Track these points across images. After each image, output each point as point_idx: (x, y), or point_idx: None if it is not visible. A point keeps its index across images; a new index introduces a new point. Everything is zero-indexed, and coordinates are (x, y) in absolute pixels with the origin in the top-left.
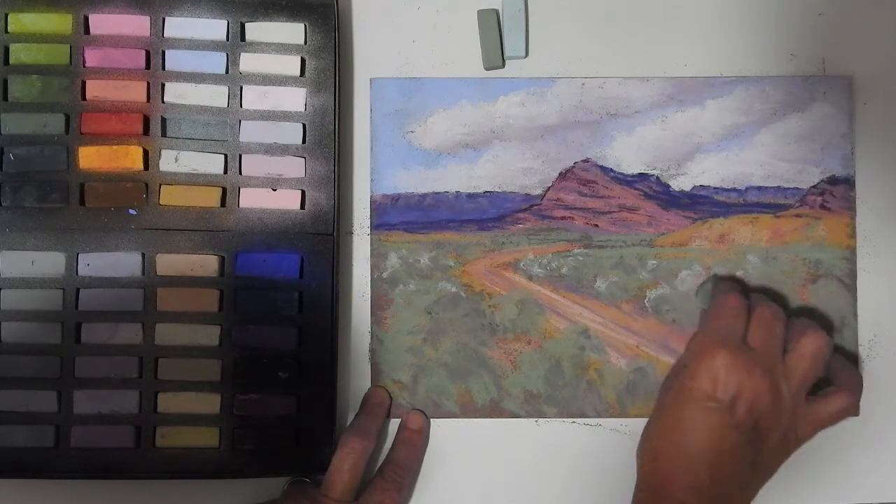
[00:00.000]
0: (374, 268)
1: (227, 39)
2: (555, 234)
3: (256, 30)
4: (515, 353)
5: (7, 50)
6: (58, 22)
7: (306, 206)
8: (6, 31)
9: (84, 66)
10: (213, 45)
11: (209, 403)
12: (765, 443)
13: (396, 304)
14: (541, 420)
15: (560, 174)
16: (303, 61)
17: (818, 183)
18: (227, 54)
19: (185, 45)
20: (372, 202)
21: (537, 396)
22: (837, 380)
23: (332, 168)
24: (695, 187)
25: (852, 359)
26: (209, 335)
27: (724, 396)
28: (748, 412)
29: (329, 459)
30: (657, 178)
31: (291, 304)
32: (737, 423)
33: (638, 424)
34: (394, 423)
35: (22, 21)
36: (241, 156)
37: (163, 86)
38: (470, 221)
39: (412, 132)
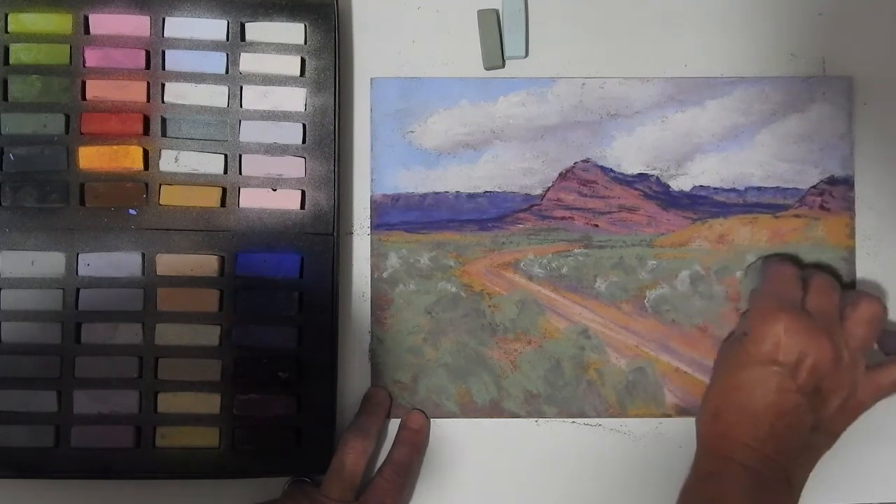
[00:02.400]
0: (374, 268)
1: (227, 39)
2: (555, 234)
3: (256, 30)
4: (515, 353)
5: (7, 50)
6: (58, 22)
7: (306, 206)
8: (6, 31)
9: (84, 66)
10: (213, 45)
11: (209, 403)
12: (825, 407)
13: (396, 304)
14: (541, 420)
15: (560, 174)
16: (303, 61)
17: (817, 183)
18: (227, 54)
19: (185, 45)
20: (372, 202)
21: (537, 396)
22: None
23: (332, 168)
24: (694, 187)
25: None
26: (209, 335)
27: (786, 359)
28: (810, 375)
29: (329, 459)
30: (657, 178)
31: (291, 304)
32: (798, 385)
33: (638, 424)
34: (394, 423)
35: (22, 21)
36: (241, 156)
37: (163, 86)
38: (470, 221)
39: (412, 132)
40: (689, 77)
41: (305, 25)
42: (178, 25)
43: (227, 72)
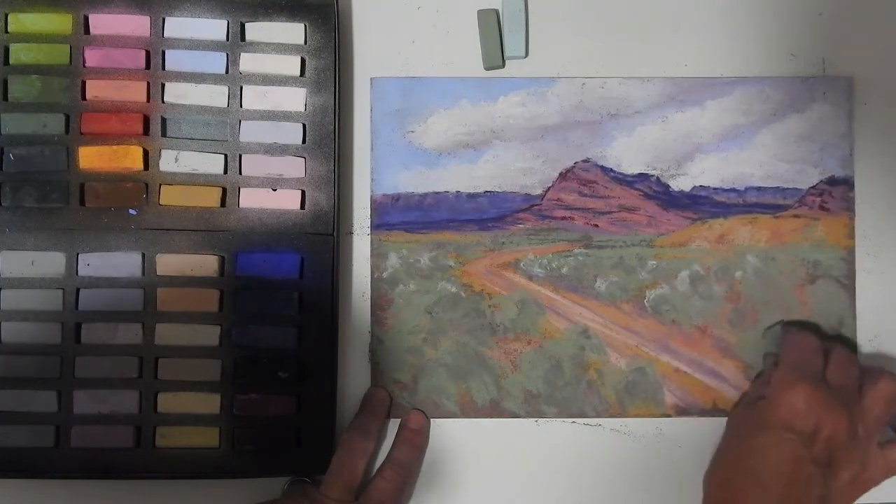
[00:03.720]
0: (374, 268)
1: (227, 39)
2: (555, 234)
3: (256, 30)
4: (515, 353)
5: (7, 50)
6: (58, 22)
7: (306, 206)
8: (6, 31)
9: (84, 66)
10: (213, 45)
11: (209, 403)
12: (836, 479)
13: (396, 304)
14: (541, 420)
15: (560, 174)
16: (303, 61)
17: (817, 183)
18: (227, 54)
19: (185, 45)
20: (372, 202)
21: (537, 396)
22: None
23: (332, 168)
24: (694, 187)
25: None
26: (209, 335)
27: (803, 428)
28: (825, 447)
29: (329, 459)
30: (657, 178)
31: (291, 304)
32: (813, 456)
33: (638, 424)
34: (394, 423)
35: (22, 21)
36: (241, 156)
37: (163, 86)
38: (470, 221)
39: (412, 132)
40: (689, 77)
41: (305, 25)
42: (178, 25)
43: (227, 72)
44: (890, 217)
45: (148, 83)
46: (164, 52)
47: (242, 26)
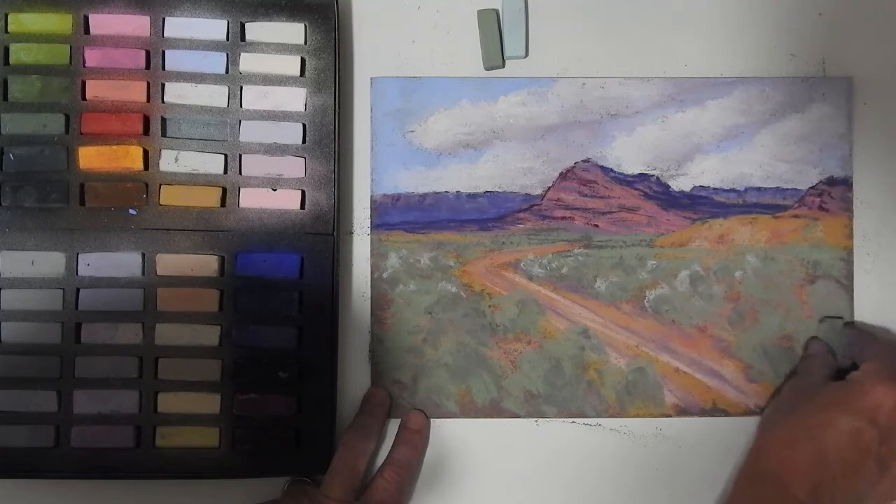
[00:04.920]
0: (374, 268)
1: (227, 39)
2: (555, 234)
3: (256, 30)
4: (515, 353)
5: (7, 50)
6: (58, 22)
7: (306, 206)
8: (6, 31)
9: (84, 66)
10: (213, 45)
11: (209, 403)
12: (882, 481)
13: (396, 304)
14: (541, 420)
15: (560, 174)
16: (303, 61)
17: (817, 184)
18: (227, 54)
19: (185, 45)
20: (372, 202)
21: (537, 396)
22: None
23: (332, 168)
24: (694, 188)
25: None
26: (209, 335)
27: (884, 423)
28: (892, 449)
29: (329, 459)
30: (657, 178)
31: (291, 304)
32: (879, 453)
33: (638, 424)
34: (394, 423)
35: (22, 21)
36: (241, 156)
37: (163, 86)
38: (470, 221)
39: (412, 132)
40: (689, 77)
41: (305, 25)
42: (178, 25)
43: (227, 72)
44: (889, 217)
45: (148, 83)
46: (164, 52)
47: (242, 26)
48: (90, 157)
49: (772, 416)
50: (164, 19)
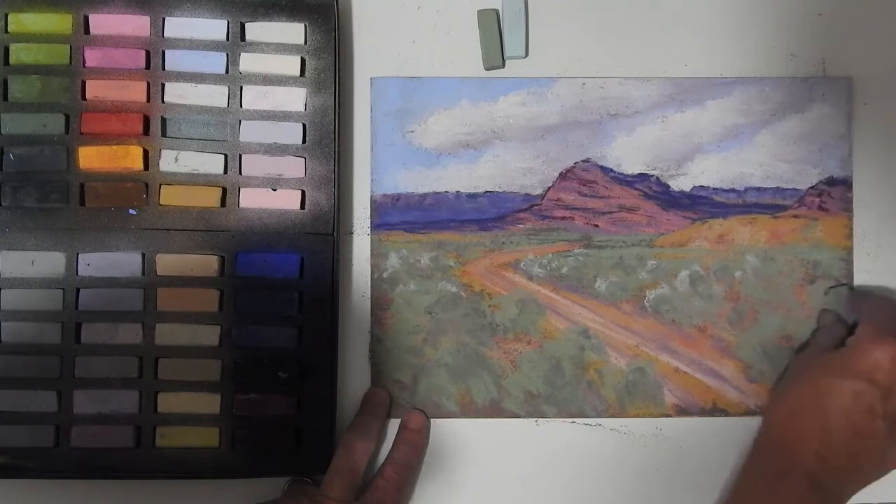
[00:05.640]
0: (374, 268)
1: (227, 39)
2: (555, 234)
3: (256, 30)
4: (515, 353)
5: (7, 50)
6: (58, 22)
7: (306, 206)
8: (6, 31)
9: (84, 66)
10: (213, 45)
11: (209, 403)
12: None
13: (396, 304)
14: (541, 420)
15: (560, 174)
16: (303, 61)
17: (816, 184)
18: (227, 54)
19: (185, 45)
20: (372, 202)
21: (537, 396)
22: None
23: (332, 168)
24: (694, 188)
25: None
26: (209, 335)
27: (883, 383)
28: None
29: (329, 459)
30: (657, 178)
31: (291, 304)
32: (885, 412)
33: (638, 424)
34: (394, 423)
35: (22, 21)
36: (241, 156)
37: (163, 86)
38: (470, 221)
39: (412, 132)
40: (689, 77)
41: (305, 25)
42: (178, 25)
43: (227, 72)
44: (889, 217)
45: (148, 83)
46: (164, 52)
47: (242, 26)
48: (90, 157)
49: (778, 388)
50: (164, 19)
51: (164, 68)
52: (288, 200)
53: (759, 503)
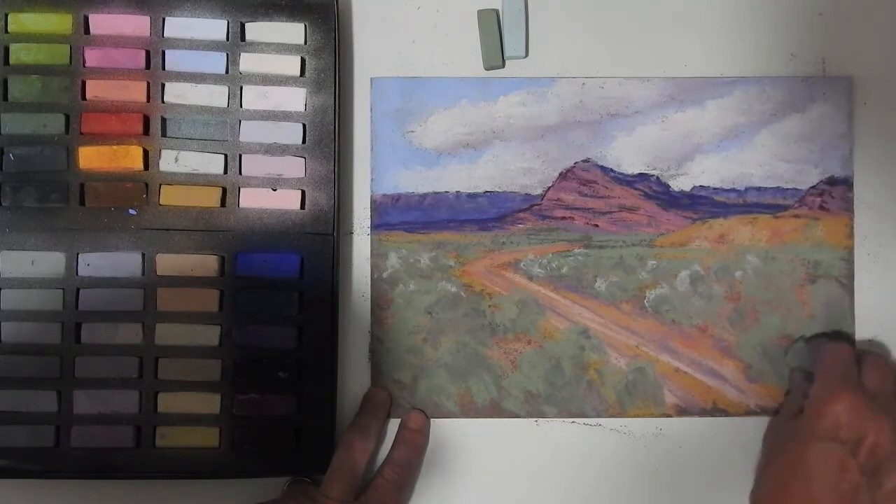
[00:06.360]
0: (374, 268)
1: (227, 39)
2: (555, 234)
3: (256, 30)
4: (515, 353)
5: (7, 50)
6: (58, 22)
7: (306, 206)
8: (6, 31)
9: (84, 66)
10: (213, 45)
11: (209, 403)
12: (881, 488)
13: (396, 304)
14: (541, 420)
15: (560, 174)
16: (303, 61)
17: (817, 183)
18: (227, 54)
19: (185, 45)
20: (372, 202)
21: (537, 396)
22: None
23: (332, 168)
24: (694, 187)
25: None
26: (209, 335)
27: (848, 437)
28: (870, 455)
29: (329, 459)
30: (657, 178)
31: (291, 304)
32: (859, 464)
33: (638, 424)
34: (394, 423)
35: (22, 21)
36: (241, 156)
37: (163, 86)
38: (470, 221)
39: (412, 132)
40: (689, 77)
41: (305, 25)
42: (178, 25)
43: (227, 72)
44: (890, 217)
45: (148, 83)
46: (164, 52)
47: (242, 26)
48: (90, 157)
49: (758, 469)
50: (164, 19)
51: (164, 68)
52: (288, 200)
53: None
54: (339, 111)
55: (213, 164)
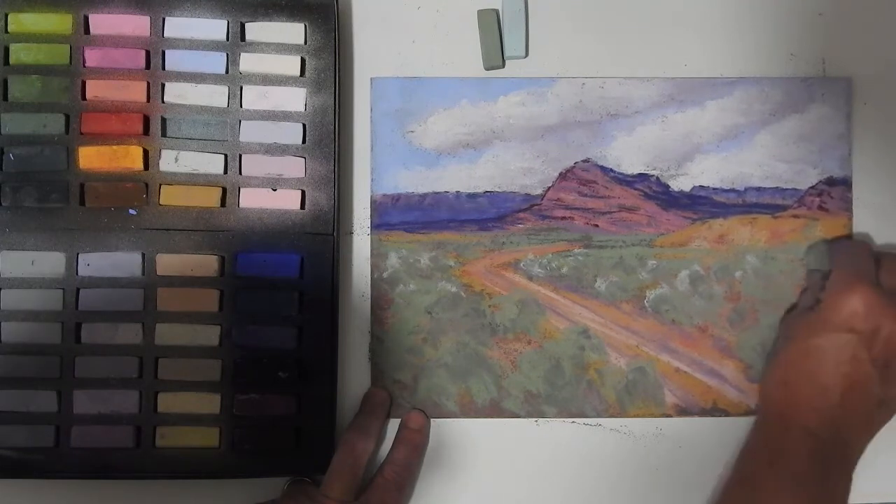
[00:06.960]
0: (374, 268)
1: (227, 39)
2: (555, 234)
3: (256, 30)
4: (515, 353)
5: (7, 50)
6: (58, 22)
7: (306, 206)
8: (6, 31)
9: (84, 66)
10: (213, 45)
11: (209, 403)
12: (893, 383)
13: (396, 304)
14: (541, 420)
15: (560, 174)
16: (303, 61)
17: (816, 184)
18: (227, 54)
19: (185, 45)
20: (372, 202)
21: (537, 396)
22: None
23: (332, 168)
24: (694, 188)
25: None
26: (209, 335)
27: (863, 329)
28: (884, 348)
29: (329, 459)
30: (657, 178)
31: (291, 304)
32: (872, 357)
33: (638, 424)
34: (394, 423)
35: (22, 21)
36: (241, 156)
37: (163, 86)
38: (470, 221)
39: (412, 132)
40: (689, 77)
41: (305, 25)
42: (178, 25)
43: (227, 72)
44: (888, 218)
45: (148, 83)
46: (164, 52)
47: (242, 26)
48: (90, 157)
49: (769, 358)
50: (164, 19)
51: (164, 68)
52: (288, 200)
53: (763, 471)
54: (339, 111)
55: (213, 164)
